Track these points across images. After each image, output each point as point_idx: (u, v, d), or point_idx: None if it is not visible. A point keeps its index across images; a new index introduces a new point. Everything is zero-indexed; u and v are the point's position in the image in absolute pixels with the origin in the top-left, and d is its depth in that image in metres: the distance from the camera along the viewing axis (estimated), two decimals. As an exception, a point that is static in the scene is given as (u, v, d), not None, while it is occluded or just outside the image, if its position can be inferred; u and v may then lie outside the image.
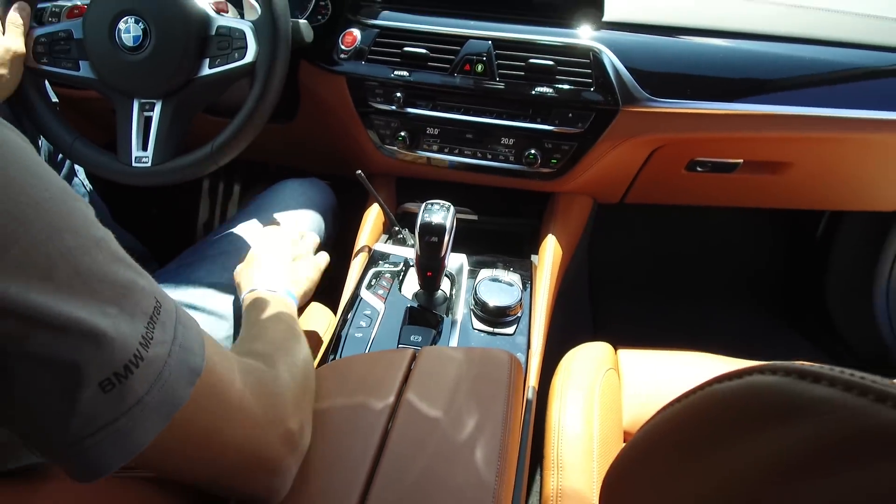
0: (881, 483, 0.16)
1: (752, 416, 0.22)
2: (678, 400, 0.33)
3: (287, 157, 1.34)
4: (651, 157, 1.07)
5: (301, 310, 0.88)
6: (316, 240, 0.93)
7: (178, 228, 1.44)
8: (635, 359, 0.92)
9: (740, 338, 1.42)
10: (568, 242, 1.09)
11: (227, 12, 0.94)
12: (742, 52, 0.98)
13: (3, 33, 0.91)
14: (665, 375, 0.89)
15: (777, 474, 0.19)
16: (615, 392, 0.87)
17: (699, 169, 1.10)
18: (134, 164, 0.92)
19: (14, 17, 0.91)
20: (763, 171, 1.10)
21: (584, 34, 0.99)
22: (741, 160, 1.07)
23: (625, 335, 1.01)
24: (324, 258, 0.91)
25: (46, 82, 0.99)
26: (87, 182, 1.20)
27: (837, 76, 0.97)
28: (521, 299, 0.88)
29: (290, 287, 0.78)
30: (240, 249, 0.95)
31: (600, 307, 1.56)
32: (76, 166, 1.19)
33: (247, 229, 1.01)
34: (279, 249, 0.84)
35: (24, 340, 0.32)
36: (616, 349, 0.94)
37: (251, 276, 0.78)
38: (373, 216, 1.08)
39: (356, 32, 1.05)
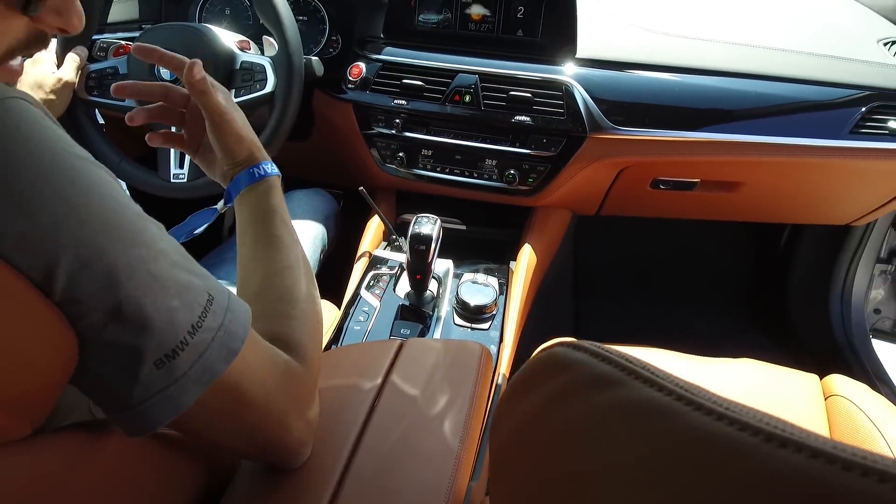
0: (591, 405, 0.28)
1: (538, 373, 0.33)
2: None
3: (303, 171, 1.49)
4: (619, 176, 1.21)
5: None
6: None
7: (207, 231, 1.60)
8: None
9: (709, 337, 1.56)
10: (545, 250, 1.24)
11: (249, 49, 1.10)
12: (697, 86, 1.11)
13: (59, 67, 1.08)
14: None
15: (541, 409, 0.32)
16: None
17: (662, 186, 1.24)
18: (172, 181, 1.09)
19: (73, 56, 1.07)
20: (719, 189, 1.23)
21: (558, 70, 1.13)
22: (698, 179, 1.21)
23: (602, 333, 1.15)
24: None
25: (96, 109, 1.16)
26: (128, 193, 1.37)
27: (782, 108, 1.10)
28: (496, 299, 1.03)
29: (265, 155, 0.72)
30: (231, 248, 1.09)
31: (584, 308, 1.70)
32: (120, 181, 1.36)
33: None
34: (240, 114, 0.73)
35: (103, 329, 0.41)
36: None
37: (254, 142, 0.71)
38: (374, 226, 1.23)
39: (362, 65, 1.20)
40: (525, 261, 1.16)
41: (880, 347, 1.51)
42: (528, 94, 1.12)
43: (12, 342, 0.39)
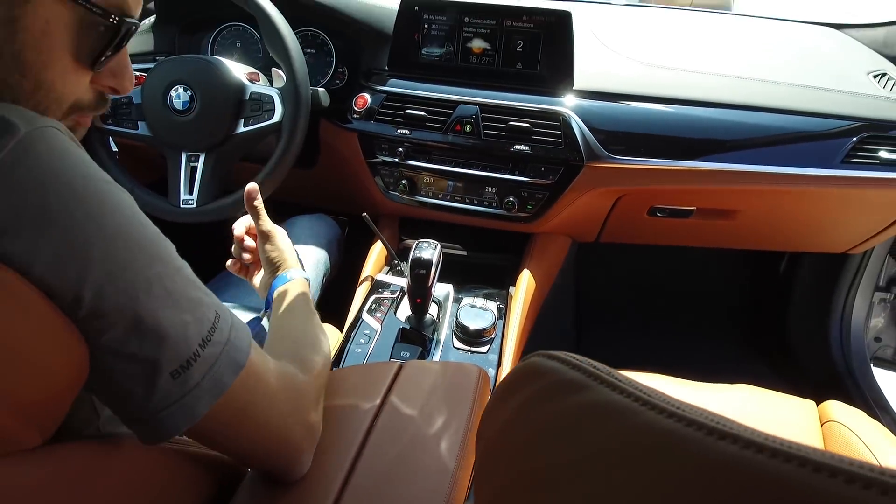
0: (560, 407, 0.31)
1: (518, 380, 0.36)
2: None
3: (309, 198, 1.53)
4: (616, 203, 1.24)
5: None
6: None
7: (214, 254, 1.64)
8: None
9: (708, 363, 1.56)
10: (544, 276, 1.26)
11: (258, 81, 1.14)
12: (691, 117, 1.15)
13: None
14: None
15: (519, 412, 0.34)
16: None
17: (659, 214, 1.26)
18: (181, 206, 1.12)
19: None
20: (715, 217, 1.26)
21: (556, 101, 1.17)
22: (694, 207, 1.24)
23: (602, 359, 1.16)
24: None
25: (110, 138, 1.20)
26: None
27: (775, 138, 1.13)
28: (494, 323, 1.05)
29: (300, 266, 0.89)
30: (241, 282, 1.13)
31: (585, 334, 1.71)
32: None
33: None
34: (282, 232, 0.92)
35: (124, 342, 0.44)
36: None
37: (286, 257, 0.87)
38: (377, 251, 1.26)
39: (367, 96, 1.24)
40: (524, 286, 1.18)
41: (881, 376, 1.51)
42: (527, 125, 1.16)
43: (29, 356, 0.41)
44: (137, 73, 1.19)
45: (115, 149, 1.25)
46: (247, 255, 0.93)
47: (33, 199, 0.40)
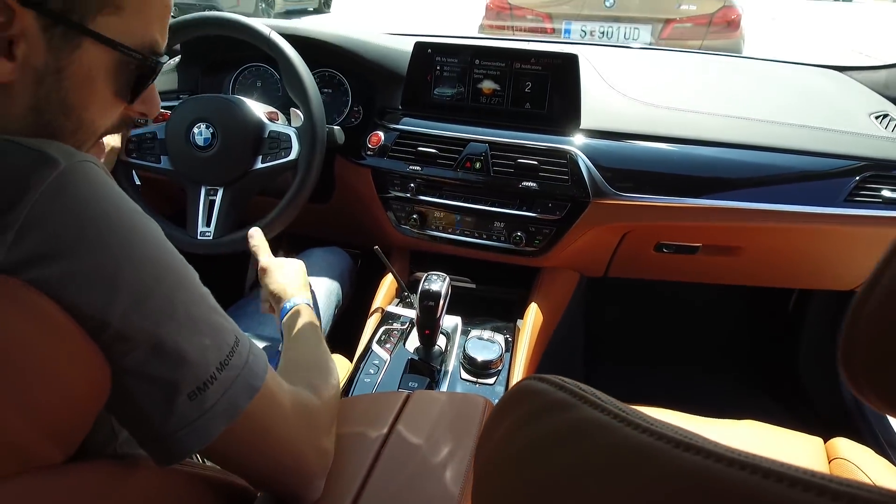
0: (549, 425, 0.33)
1: (512, 401, 0.38)
2: None
3: (324, 230, 1.57)
4: (623, 239, 1.27)
5: None
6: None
7: (230, 285, 1.67)
8: None
9: (716, 398, 1.56)
10: (551, 310, 1.28)
11: (277, 120, 1.19)
12: (696, 156, 1.18)
13: None
14: None
15: (513, 430, 0.36)
16: None
17: (665, 250, 1.28)
18: (199, 238, 1.16)
19: None
20: (720, 253, 1.28)
21: (563, 139, 1.20)
22: (700, 244, 1.26)
23: (611, 392, 1.16)
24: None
25: (133, 171, 1.25)
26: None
27: (779, 177, 1.16)
28: (501, 356, 1.07)
29: (307, 295, 0.95)
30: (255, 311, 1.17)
31: (593, 367, 1.72)
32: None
33: None
34: (286, 262, 1.00)
35: (146, 364, 0.46)
36: None
37: (285, 287, 0.94)
38: (387, 283, 1.29)
39: (381, 134, 1.29)
40: (531, 319, 1.20)
41: (893, 414, 1.49)
42: (535, 162, 1.19)
43: (55, 375, 0.44)
44: (162, 110, 1.26)
45: (138, 182, 1.30)
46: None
47: (70, 228, 0.43)
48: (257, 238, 1.03)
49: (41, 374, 0.43)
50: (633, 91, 1.29)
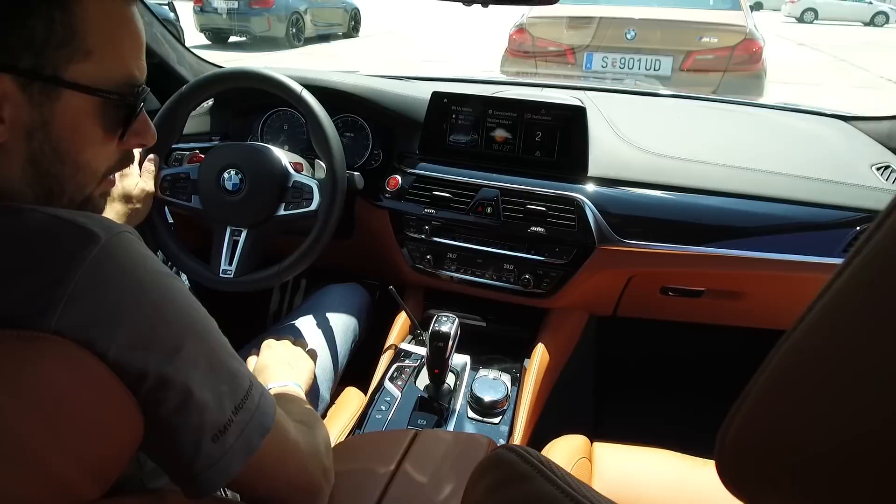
0: (511, 495, 0.38)
1: (486, 468, 0.44)
2: None
3: (345, 264, 1.64)
4: (629, 282, 1.31)
5: (338, 392, 1.17)
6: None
7: (252, 315, 1.75)
8: (610, 452, 1.12)
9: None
10: (559, 349, 1.33)
11: (302, 170, 1.27)
12: (699, 205, 1.22)
13: (140, 176, 1.26)
14: (636, 470, 1.04)
15: (484, 496, 0.42)
16: (585, 479, 1.07)
17: (671, 293, 1.33)
18: (220, 276, 1.24)
19: (148, 165, 1.25)
20: (725, 297, 1.32)
21: (571, 187, 1.26)
22: (704, 288, 1.30)
23: (620, 432, 1.18)
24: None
25: (166, 207, 1.34)
26: (185, 279, 1.54)
27: (779, 227, 1.20)
28: (507, 395, 1.12)
29: (296, 379, 0.99)
30: (294, 340, 1.23)
31: (604, 405, 1.75)
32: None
33: (300, 324, 1.29)
34: (280, 351, 1.05)
35: (175, 413, 0.51)
36: (592, 442, 1.14)
37: (271, 373, 0.98)
38: (401, 321, 1.35)
39: (398, 178, 1.36)
40: (538, 359, 1.25)
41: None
42: (543, 208, 1.25)
43: (98, 421, 0.51)
44: (197, 152, 1.35)
45: (170, 219, 1.38)
46: None
47: (112, 296, 0.50)
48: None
49: (86, 422, 0.50)
50: (640, 140, 1.35)
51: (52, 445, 0.47)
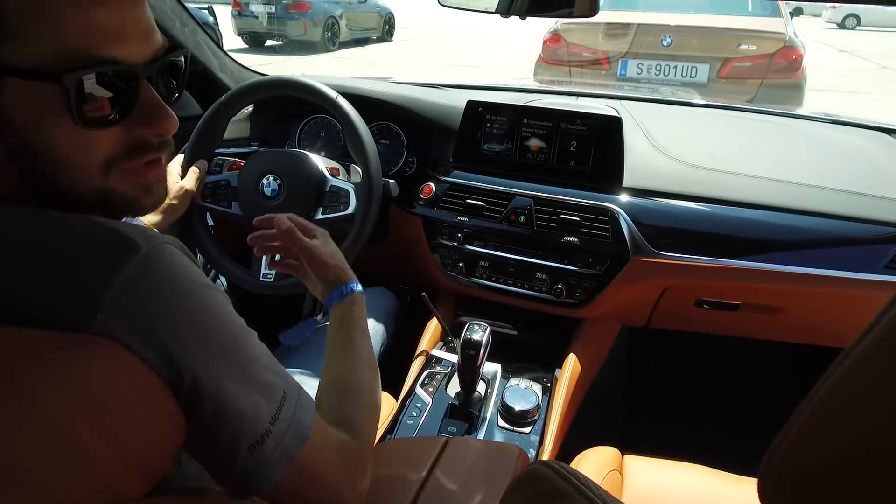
0: None
1: (522, 482, 0.44)
2: None
3: (378, 269, 1.65)
4: (663, 294, 1.30)
5: None
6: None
7: (285, 317, 1.78)
8: (641, 465, 1.11)
9: (757, 456, 1.55)
10: (591, 359, 1.32)
11: (338, 175, 1.29)
12: (736, 218, 1.21)
13: (182, 177, 1.29)
14: (667, 484, 1.03)
15: None
16: (615, 492, 1.06)
17: (706, 306, 1.31)
18: (261, 280, 1.27)
19: (195, 168, 1.28)
20: (762, 311, 1.30)
21: (605, 197, 1.26)
22: (741, 302, 1.28)
23: (651, 444, 1.17)
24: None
25: (207, 214, 1.37)
26: (224, 282, 1.57)
27: (819, 242, 1.17)
28: (538, 405, 1.12)
29: (351, 276, 0.92)
30: (321, 344, 1.24)
31: (635, 417, 1.73)
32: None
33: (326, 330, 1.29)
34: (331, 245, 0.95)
35: (211, 421, 0.52)
36: (623, 454, 1.14)
37: (332, 271, 0.90)
38: (433, 327, 1.36)
39: (432, 185, 1.38)
40: (569, 369, 1.24)
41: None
42: (577, 218, 1.25)
43: (144, 422, 0.52)
44: (236, 159, 1.38)
45: (211, 223, 1.42)
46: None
47: (150, 305, 0.51)
48: (285, 225, 0.91)
49: (132, 422, 0.51)
50: (676, 150, 1.33)
51: (100, 444, 0.48)
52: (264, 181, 1.26)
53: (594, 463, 1.09)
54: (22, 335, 0.45)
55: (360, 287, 0.91)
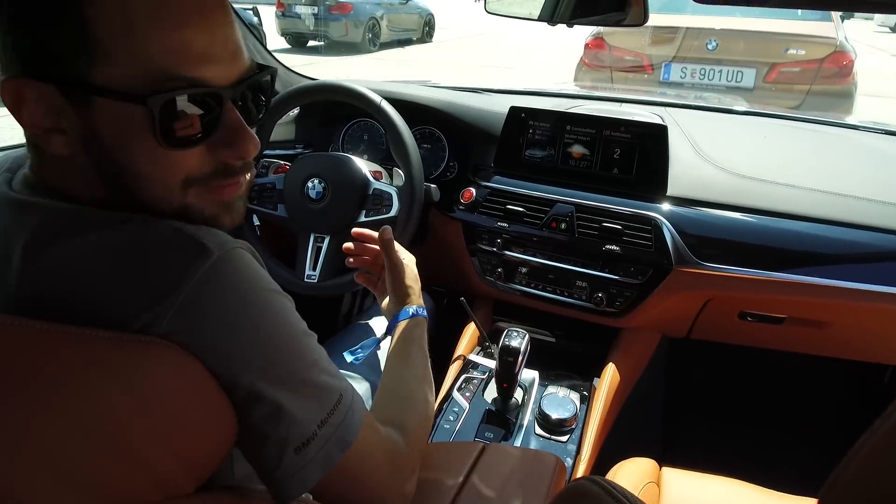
0: None
1: (568, 498, 0.44)
2: None
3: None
4: (705, 305, 1.28)
5: None
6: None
7: (325, 318, 1.81)
8: (679, 478, 1.09)
9: (801, 471, 1.51)
10: (630, 369, 1.31)
11: (381, 179, 1.31)
12: (782, 229, 1.18)
13: None
14: (705, 498, 1.02)
15: None
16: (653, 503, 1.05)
17: (749, 319, 1.28)
18: (305, 280, 1.29)
19: None
20: (807, 326, 1.26)
21: (649, 206, 1.24)
22: (786, 315, 1.25)
23: (690, 456, 1.15)
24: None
25: (254, 215, 1.40)
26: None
27: (869, 256, 1.14)
28: (576, 414, 1.12)
29: (422, 300, 0.98)
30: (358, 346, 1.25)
31: (673, 428, 1.71)
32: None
33: (365, 330, 1.30)
34: (412, 265, 1.01)
35: (263, 423, 0.53)
36: (661, 466, 1.12)
37: (412, 290, 0.96)
38: (470, 331, 1.37)
39: (473, 191, 1.38)
40: (609, 378, 1.23)
41: None
42: (619, 226, 1.24)
43: (199, 421, 0.54)
44: (281, 162, 1.41)
45: (257, 223, 1.45)
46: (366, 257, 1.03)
47: (216, 309, 0.53)
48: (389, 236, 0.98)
49: (187, 421, 0.53)
50: (722, 159, 1.31)
51: (157, 441, 0.50)
52: (309, 184, 1.28)
53: (631, 474, 1.08)
54: (88, 336, 0.47)
55: (425, 312, 0.95)
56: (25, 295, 0.50)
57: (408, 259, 1.00)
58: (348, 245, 1.02)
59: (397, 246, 0.97)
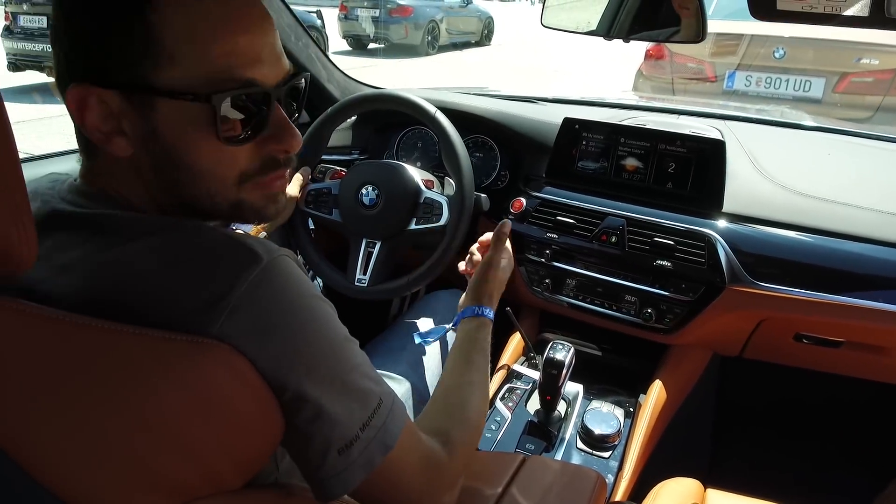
0: None
1: None
2: None
3: (461, 280, 1.68)
4: (759, 325, 1.25)
5: None
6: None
7: (373, 319, 1.84)
8: (724, 500, 1.07)
9: (853, 497, 1.45)
10: (678, 387, 1.28)
11: (433, 187, 1.33)
12: (843, 251, 1.14)
13: (287, 184, 1.37)
14: None
15: None
16: None
17: (805, 341, 1.24)
18: (355, 284, 1.32)
19: (298, 176, 1.36)
20: (867, 351, 1.21)
21: (703, 222, 1.22)
22: (844, 339, 1.21)
23: (737, 478, 1.13)
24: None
25: (309, 219, 1.45)
26: (320, 283, 1.65)
27: None
28: (619, 430, 1.11)
29: (494, 305, 1.01)
30: (404, 347, 1.25)
31: (722, 448, 1.66)
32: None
33: (410, 329, 1.31)
34: (506, 267, 1.07)
35: (308, 424, 0.55)
36: (706, 487, 1.10)
37: (491, 293, 1.00)
38: (515, 341, 1.37)
39: (523, 200, 1.38)
40: (654, 396, 1.22)
41: None
42: (671, 242, 1.22)
43: (247, 420, 0.56)
44: (338, 168, 1.45)
45: (311, 226, 1.49)
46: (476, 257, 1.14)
47: (266, 312, 0.55)
48: (505, 235, 1.07)
49: (238, 419, 0.56)
50: (782, 176, 1.28)
51: (208, 438, 0.53)
52: (363, 191, 1.32)
53: (675, 494, 1.06)
54: (147, 336, 0.50)
55: (492, 315, 0.97)
56: (84, 299, 0.53)
57: (507, 264, 1.06)
58: (485, 238, 1.12)
59: (507, 247, 1.05)
